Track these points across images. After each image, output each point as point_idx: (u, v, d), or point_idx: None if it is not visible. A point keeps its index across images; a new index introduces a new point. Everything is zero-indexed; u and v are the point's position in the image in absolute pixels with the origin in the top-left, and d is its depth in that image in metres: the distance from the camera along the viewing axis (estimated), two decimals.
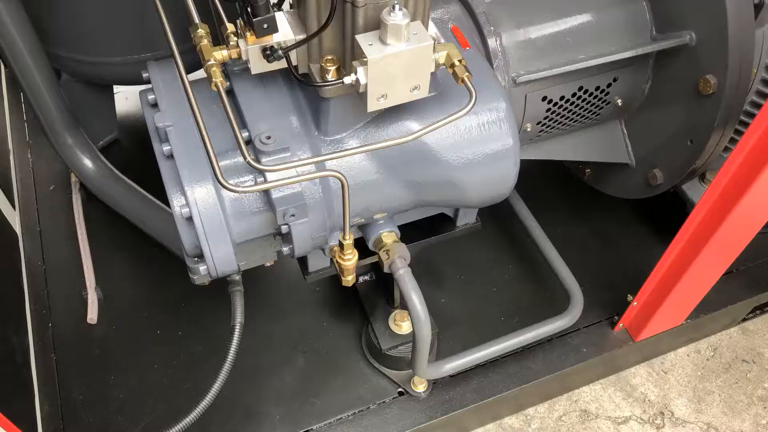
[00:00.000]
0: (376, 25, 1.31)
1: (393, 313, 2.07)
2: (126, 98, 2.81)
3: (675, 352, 2.43)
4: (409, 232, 1.82)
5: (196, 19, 1.47)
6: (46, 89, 2.04)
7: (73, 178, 2.44)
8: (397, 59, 1.31)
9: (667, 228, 1.99)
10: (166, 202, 1.52)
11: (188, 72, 1.46)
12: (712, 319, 2.31)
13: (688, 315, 2.21)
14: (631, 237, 2.48)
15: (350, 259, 1.53)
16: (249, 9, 1.33)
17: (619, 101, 1.94)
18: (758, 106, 1.88)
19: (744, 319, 2.49)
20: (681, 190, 2.19)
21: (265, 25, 1.34)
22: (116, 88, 2.66)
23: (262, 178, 1.45)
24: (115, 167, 2.29)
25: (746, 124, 1.86)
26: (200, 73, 1.47)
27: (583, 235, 2.49)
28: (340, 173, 1.33)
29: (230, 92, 1.57)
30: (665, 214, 2.42)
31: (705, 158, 1.88)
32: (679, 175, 1.94)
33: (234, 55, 1.42)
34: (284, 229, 1.50)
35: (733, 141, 1.91)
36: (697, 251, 1.81)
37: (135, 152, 2.63)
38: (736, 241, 1.85)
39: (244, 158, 1.28)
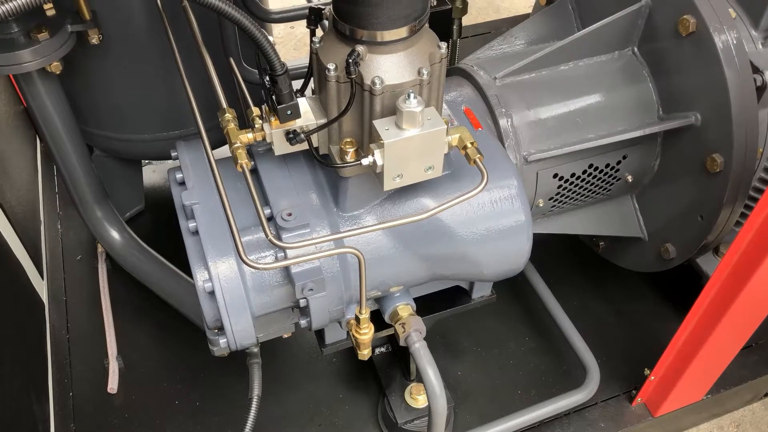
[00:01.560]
0: (393, 111, 1.40)
1: (409, 386, 2.08)
2: (153, 171, 2.92)
3: (697, 428, 2.38)
4: (424, 305, 1.85)
5: (224, 104, 1.57)
6: (78, 164, 2.14)
7: (100, 249, 2.53)
8: (412, 143, 1.38)
9: (683, 299, 2.00)
10: (189, 273, 1.58)
11: (214, 147, 1.55)
12: (734, 394, 2.27)
13: (708, 390, 2.18)
14: (647, 309, 2.48)
15: (366, 333, 1.57)
16: (274, 96, 1.43)
17: (629, 178, 1.99)
18: (766, 182, 1.92)
19: (766, 395, 2.45)
20: (695, 263, 2.21)
21: (289, 112, 1.43)
22: (144, 161, 2.78)
23: (283, 254, 1.51)
24: (141, 238, 2.37)
25: (755, 200, 1.90)
26: (226, 149, 1.56)
27: (599, 306, 2.49)
28: (357, 250, 1.38)
29: (254, 171, 1.65)
30: (681, 285, 2.42)
31: (716, 233, 1.91)
32: (691, 250, 1.97)
33: (259, 138, 1.51)
34: (302, 302, 1.54)
35: (743, 216, 1.94)
36: (713, 325, 1.81)
37: (160, 223, 2.72)
38: (753, 315, 1.85)
39: (266, 235, 1.34)
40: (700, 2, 1.69)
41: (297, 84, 1.51)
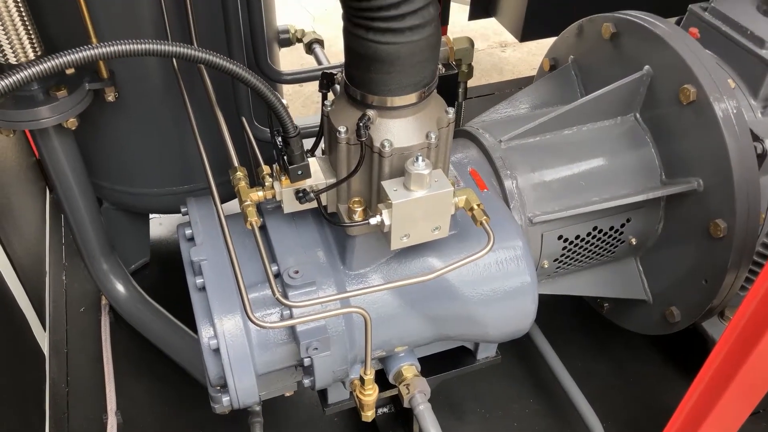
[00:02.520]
0: (401, 172, 1.42)
1: None
2: (160, 223, 2.95)
3: None
4: (429, 365, 1.84)
5: (236, 162, 1.61)
6: (88, 217, 2.17)
7: (104, 301, 2.52)
8: (420, 204, 1.41)
9: (690, 363, 1.98)
10: (193, 327, 1.58)
11: (223, 201, 1.57)
12: None
13: None
14: (653, 371, 2.45)
15: (371, 394, 1.55)
16: (285, 157, 1.46)
17: (633, 240, 2.01)
18: None
19: None
20: (701, 326, 2.20)
21: (300, 172, 1.46)
22: (151, 214, 2.81)
23: (289, 312, 1.51)
24: (145, 290, 2.38)
25: (760, 265, 1.91)
26: (234, 203, 1.58)
27: (604, 368, 2.47)
28: (363, 310, 1.39)
29: (262, 227, 1.67)
30: (687, 348, 2.41)
31: (721, 298, 1.91)
32: (696, 314, 1.96)
33: (269, 196, 1.53)
34: (306, 361, 1.54)
35: (748, 280, 1.94)
36: (720, 392, 1.78)
37: (165, 276, 2.72)
38: (761, 381, 1.83)
39: (273, 294, 1.35)
40: (700, 72, 1.74)
41: (305, 142, 1.55)
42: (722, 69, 1.92)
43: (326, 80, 1.56)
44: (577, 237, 1.94)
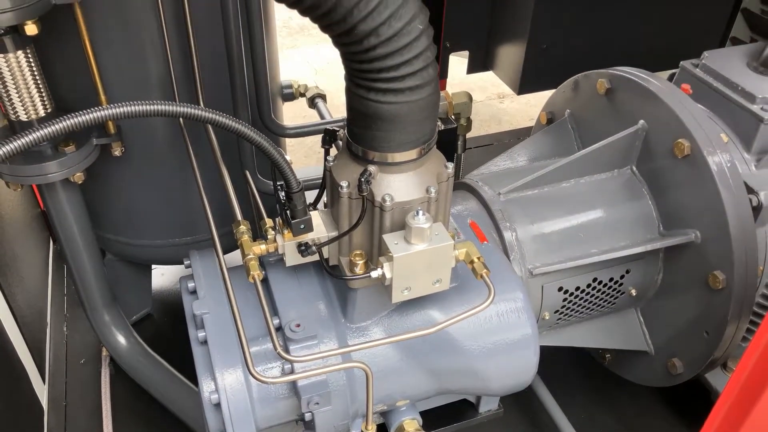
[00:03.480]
0: (402, 225, 1.45)
1: None
2: (162, 274, 2.96)
3: None
4: (431, 419, 1.82)
5: (239, 216, 1.63)
6: (90, 268, 2.18)
7: (104, 353, 2.52)
8: (421, 257, 1.43)
9: (694, 414, 1.96)
10: (193, 379, 1.57)
11: (225, 252, 1.59)
12: None
13: None
14: (656, 423, 2.42)
15: None
16: (288, 211, 1.49)
17: (633, 291, 2.01)
18: None
19: None
20: (704, 378, 2.18)
21: (302, 226, 1.49)
22: (154, 265, 2.82)
23: (290, 366, 1.51)
24: (146, 341, 2.37)
25: (760, 316, 1.91)
26: (236, 254, 1.60)
27: (606, 420, 2.43)
28: (365, 364, 1.39)
29: (264, 280, 1.69)
30: (691, 399, 2.38)
31: (723, 349, 1.90)
32: (699, 366, 1.96)
33: (271, 250, 1.55)
34: (308, 416, 1.53)
35: (750, 331, 1.94)
36: None
37: (166, 326, 2.72)
38: None
39: (275, 348, 1.36)
40: (693, 127, 1.78)
41: (307, 194, 1.58)
42: (715, 123, 1.97)
43: (329, 136, 1.60)
44: (578, 288, 1.95)
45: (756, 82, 1.95)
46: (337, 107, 3.23)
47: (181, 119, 1.93)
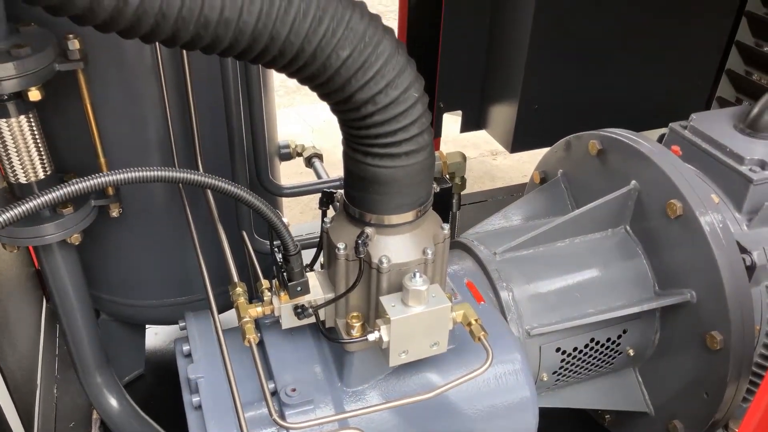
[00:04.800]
0: (399, 287, 1.45)
1: None
2: (156, 333, 2.92)
3: None
4: None
5: (236, 278, 1.63)
6: (84, 329, 2.15)
7: (95, 416, 2.46)
8: (418, 319, 1.43)
9: None
10: None
11: (221, 312, 1.58)
12: None
13: None
14: None
15: None
16: (285, 273, 1.49)
17: (630, 351, 2.00)
18: (767, 358, 1.93)
19: None
20: None
21: (299, 288, 1.49)
22: (148, 325, 2.79)
23: None
24: (138, 402, 2.32)
25: (759, 376, 1.90)
26: (232, 314, 1.59)
27: None
28: (361, 430, 1.37)
29: (260, 343, 1.67)
30: None
31: (724, 411, 1.88)
32: (700, 428, 1.93)
33: (267, 312, 1.55)
34: None
35: (750, 392, 1.93)
36: None
37: (159, 388, 2.67)
38: None
39: (270, 414, 1.34)
40: (685, 188, 1.81)
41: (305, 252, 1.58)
42: (705, 184, 2.00)
43: (326, 198, 1.62)
44: (575, 349, 1.94)
45: (743, 144, 1.99)
46: (333, 164, 3.27)
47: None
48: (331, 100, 1.33)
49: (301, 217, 4.22)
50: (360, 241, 1.42)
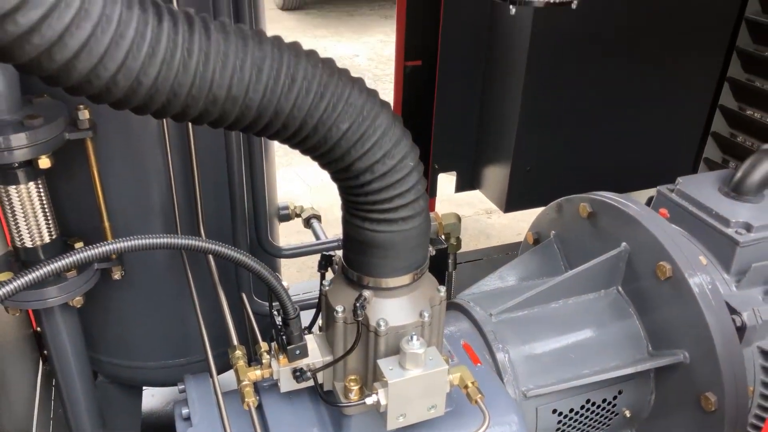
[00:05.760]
0: (396, 350, 1.48)
1: None
2: (152, 395, 2.91)
3: None
4: None
5: (235, 341, 1.66)
6: (81, 391, 2.16)
7: None
8: (415, 382, 1.45)
9: None
10: None
11: (220, 372, 1.59)
12: None
13: None
14: None
15: None
16: (284, 336, 1.52)
17: (627, 412, 2.01)
18: (762, 419, 1.94)
19: None
20: None
21: (298, 352, 1.51)
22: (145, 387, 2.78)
23: None
24: None
25: None
26: (230, 375, 1.60)
27: None
28: None
29: (259, 406, 1.68)
30: None
31: None
32: None
33: (266, 375, 1.57)
34: None
35: None
36: None
37: None
38: None
39: None
40: (673, 250, 1.86)
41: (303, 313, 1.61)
42: (694, 245, 2.05)
43: (325, 261, 1.67)
44: (572, 410, 1.94)
45: (729, 207, 2.06)
46: (330, 222, 3.33)
47: None
48: (331, 169, 1.39)
49: (298, 276, 4.25)
50: (358, 304, 1.46)
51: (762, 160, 2.09)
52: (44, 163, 1.68)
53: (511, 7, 1.78)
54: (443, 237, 2.54)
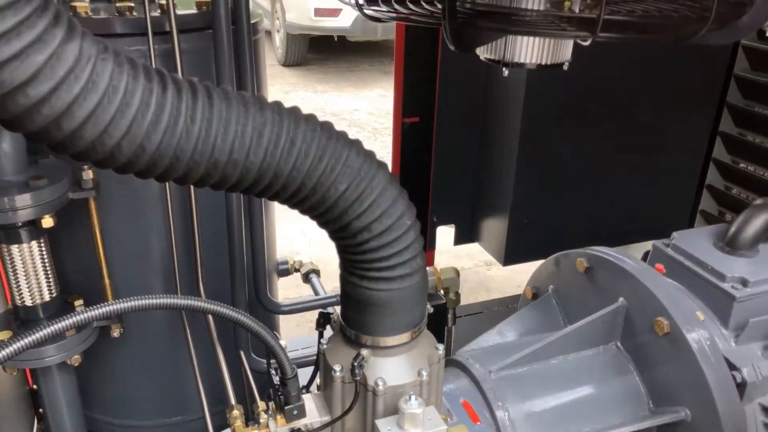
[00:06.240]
0: (395, 410, 1.47)
1: None
2: None
3: None
4: None
5: (233, 401, 1.65)
6: None
7: None
8: None
9: None
10: None
11: (217, 431, 1.58)
12: None
13: None
14: None
15: None
16: (282, 396, 1.51)
17: None
18: None
19: None
20: None
21: (295, 412, 1.50)
22: None
23: None
24: None
25: None
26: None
27: None
28: None
29: None
30: None
31: None
32: None
33: None
34: None
35: None
36: None
37: None
38: None
39: None
40: (670, 305, 1.86)
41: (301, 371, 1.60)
42: (691, 300, 2.06)
43: (323, 319, 1.67)
44: None
45: (724, 261, 2.07)
46: (329, 274, 3.33)
47: None
48: (329, 228, 1.41)
49: (297, 330, 4.22)
50: (356, 364, 1.46)
51: (755, 216, 2.12)
52: (47, 222, 1.70)
53: (503, 69, 1.83)
54: (442, 292, 2.54)
